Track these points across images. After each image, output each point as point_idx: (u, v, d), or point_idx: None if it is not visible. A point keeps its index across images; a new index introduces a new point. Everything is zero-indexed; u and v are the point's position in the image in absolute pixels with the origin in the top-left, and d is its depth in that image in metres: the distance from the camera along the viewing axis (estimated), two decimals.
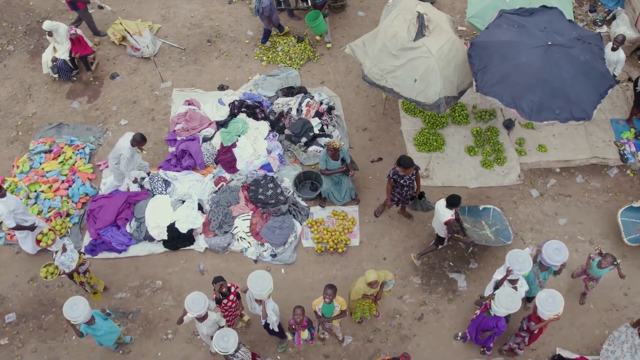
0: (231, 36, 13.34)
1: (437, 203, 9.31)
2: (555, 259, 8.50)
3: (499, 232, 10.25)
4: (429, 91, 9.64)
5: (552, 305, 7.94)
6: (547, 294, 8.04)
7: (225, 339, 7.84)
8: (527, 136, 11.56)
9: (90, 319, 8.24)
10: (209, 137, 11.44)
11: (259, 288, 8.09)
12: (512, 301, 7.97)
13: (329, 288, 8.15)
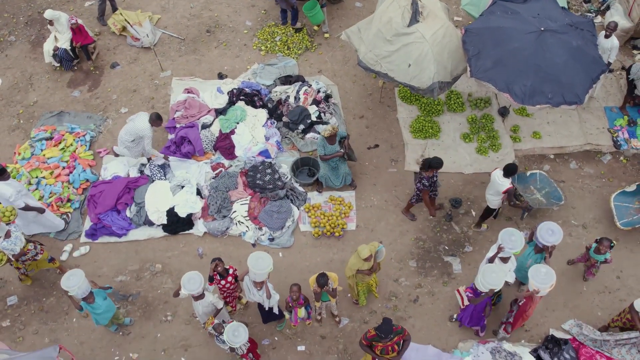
0: (230, 26, 13.51)
1: (493, 174, 9.53)
2: (549, 239, 8.64)
3: (549, 194, 10.57)
4: (423, 76, 9.80)
5: (543, 278, 8.08)
6: (542, 267, 8.19)
7: (235, 334, 7.99)
8: (521, 123, 11.72)
9: (89, 296, 8.42)
10: (208, 124, 11.60)
11: (259, 267, 8.21)
12: (496, 277, 8.15)
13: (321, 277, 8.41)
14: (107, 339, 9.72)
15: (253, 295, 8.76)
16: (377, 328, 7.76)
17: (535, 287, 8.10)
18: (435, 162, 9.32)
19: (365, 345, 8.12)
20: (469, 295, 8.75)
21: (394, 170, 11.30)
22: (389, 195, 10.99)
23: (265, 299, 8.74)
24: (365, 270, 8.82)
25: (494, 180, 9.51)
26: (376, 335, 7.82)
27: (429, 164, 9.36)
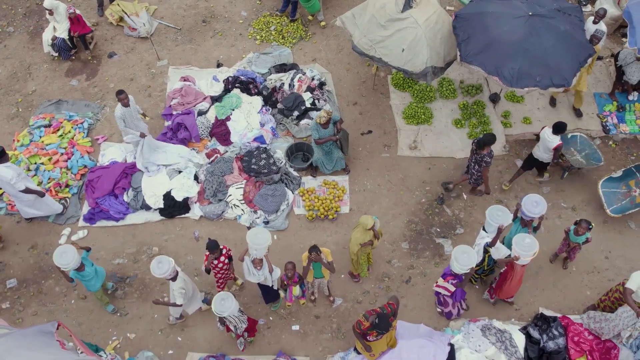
0: (225, 16, 13.71)
1: (543, 131, 10.04)
2: (533, 211, 8.83)
3: (589, 155, 10.85)
4: (416, 60, 9.99)
5: (526, 246, 8.29)
6: (526, 236, 8.39)
7: (222, 302, 8.16)
8: (512, 109, 11.93)
9: (80, 265, 8.68)
10: (204, 111, 11.79)
11: (258, 242, 8.36)
12: (467, 257, 8.37)
13: (312, 247, 8.60)
14: (104, 320, 9.89)
15: (253, 276, 8.88)
16: (374, 326, 7.91)
17: (517, 254, 8.31)
18: (490, 138, 9.63)
19: (360, 334, 8.31)
20: (454, 282, 8.89)
21: (387, 156, 11.49)
22: (382, 180, 11.19)
23: (267, 275, 8.89)
24: (367, 241, 9.04)
25: (543, 138, 9.98)
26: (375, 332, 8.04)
27: (485, 142, 9.63)
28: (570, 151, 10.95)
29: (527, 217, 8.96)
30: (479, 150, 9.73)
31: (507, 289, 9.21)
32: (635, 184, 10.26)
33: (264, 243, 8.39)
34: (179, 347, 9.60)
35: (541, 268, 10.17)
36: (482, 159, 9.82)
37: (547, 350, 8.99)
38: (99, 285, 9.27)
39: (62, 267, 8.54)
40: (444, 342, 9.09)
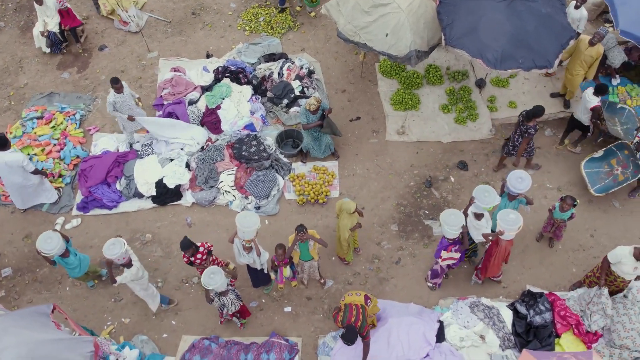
0: (215, 8, 13.89)
1: (585, 92, 10.45)
2: (518, 187, 9.01)
3: (628, 130, 10.89)
4: (400, 44, 10.19)
5: (510, 221, 8.48)
6: (511, 212, 8.57)
7: (211, 276, 8.30)
8: (497, 94, 12.14)
9: (65, 252, 8.84)
10: (195, 101, 11.95)
11: (246, 224, 8.50)
12: (455, 218, 8.58)
13: (299, 228, 8.75)
14: (99, 306, 10.03)
15: (243, 257, 9.04)
16: (342, 336, 8.03)
17: (501, 228, 8.50)
18: (538, 110, 9.93)
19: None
20: (456, 249, 9.04)
21: (375, 141, 11.68)
22: (370, 164, 11.38)
23: (255, 258, 9.05)
24: (356, 225, 9.23)
25: (584, 99, 10.46)
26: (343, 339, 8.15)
27: (533, 113, 9.95)
28: (613, 120, 11.05)
29: (513, 193, 9.16)
30: (527, 121, 10.04)
31: (493, 266, 9.39)
32: (617, 162, 10.46)
33: (252, 226, 8.51)
34: (173, 331, 9.74)
35: (527, 247, 10.37)
36: (527, 130, 10.11)
37: (534, 325, 9.16)
38: (82, 272, 9.42)
39: (45, 252, 8.66)
40: (434, 319, 9.29)
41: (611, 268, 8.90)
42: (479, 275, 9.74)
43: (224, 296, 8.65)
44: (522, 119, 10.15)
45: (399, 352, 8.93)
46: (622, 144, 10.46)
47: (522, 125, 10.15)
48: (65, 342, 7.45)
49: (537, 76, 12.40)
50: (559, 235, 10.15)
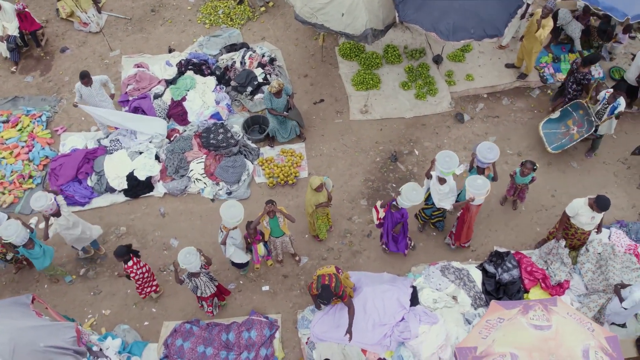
0: (173, 4, 14.08)
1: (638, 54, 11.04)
2: (488, 157, 9.31)
3: None
4: (356, 23, 10.50)
5: (478, 185, 8.82)
6: (478, 178, 8.91)
7: (187, 256, 8.47)
8: (455, 68, 12.54)
9: (29, 243, 9.03)
10: (160, 94, 12.11)
11: (230, 216, 8.74)
12: (416, 194, 8.88)
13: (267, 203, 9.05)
14: (78, 300, 10.13)
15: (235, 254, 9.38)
16: (318, 296, 8.40)
17: (471, 195, 8.83)
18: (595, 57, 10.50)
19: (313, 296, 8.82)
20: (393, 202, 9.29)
21: (340, 121, 11.99)
22: (337, 144, 11.67)
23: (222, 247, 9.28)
24: (323, 203, 9.47)
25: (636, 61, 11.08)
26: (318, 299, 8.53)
27: (590, 59, 10.55)
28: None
29: (482, 165, 9.46)
30: (583, 68, 10.54)
31: (467, 231, 9.75)
32: (573, 122, 10.90)
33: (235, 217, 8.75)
34: (153, 318, 9.89)
35: (492, 211, 10.75)
36: (583, 77, 10.64)
37: (503, 282, 9.53)
38: (47, 263, 9.55)
39: (5, 238, 8.81)
40: (407, 285, 9.59)
41: (571, 221, 9.30)
42: (452, 237, 10.06)
43: (196, 277, 8.84)
44: (576, 66, 10.69)
45: (376, 318, 9.20)
46: (577, 103, 10.91)
47: (577, 72, 10.69)
48: (47, 329, 7.58)
49: (492, 49, 12.84)
50: (523, 198, 10.54)
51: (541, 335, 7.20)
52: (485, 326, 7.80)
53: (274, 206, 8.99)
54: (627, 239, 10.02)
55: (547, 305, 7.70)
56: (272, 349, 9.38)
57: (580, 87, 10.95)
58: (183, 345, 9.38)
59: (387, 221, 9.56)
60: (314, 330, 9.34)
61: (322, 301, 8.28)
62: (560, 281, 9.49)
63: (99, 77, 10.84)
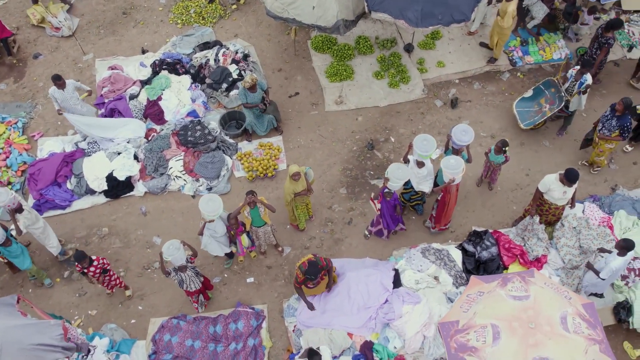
0: (145, 6, 14.13)
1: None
2: (463, 139, 9.51)
3: None
4: (328, 15, 10.67)
5: (453, 165, 9.01)
6: (451, 158, 9.10)
7: (170, 247, 8.53)
8: (426, 56, 12.76)
9: (6, 241, 9.13)
10: (135, 95, 12.16)
11: (208, 210, 8.81)
12: (402, 172, 9.08)
13: (248, 194, 9.15)
14: (64, 303, 10.14)
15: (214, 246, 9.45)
16: (305, 272, 8.57)
17: (450, 176, 9.02)
18: (618, 22, 10.85)
19: (299, 287, 8.99)
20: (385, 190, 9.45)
21: (316, 113, 12.14)
22: (313, 135, 11.82)
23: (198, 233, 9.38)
24: (302, 191, 9.59)
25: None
26: (305, 278, 8.67)
27: (613, 24, 10.97)
28: None
29: (457, 146, 9.66)
30: (606, 33, 10.99)
31: (448, 213, 9.95)
32: (545, 100, 11.16)
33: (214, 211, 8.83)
34: (140, 316, 9.95)
35: (469, 192, 10.97)
36: (606, 41, 11.05)
37: (483, 260, 9.76)
38: (28, 262, 9.65)
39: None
40: (389, 268, 9.77)
41: (544, 197, 9.54)
42: (432, 220, 10.25)
43: (182, 272, 8.93)
44: (601, 31, 11.08)
45: (360, 302, 9.38)
46: (549, 81, 11.18)
47: (602, 37, 11.05)
48: (34, 327, 7.62)
49: (461, 36, 13.08)
50: (494, 179, 10.78)
51: (520, 305, 7.40)
52: (466, 300, 8.00)
53: (254, 197, 9.11)
54: (600, 212, 10.34)
55: (524, 277, 7.92)
56: (260, 338, 9.49)
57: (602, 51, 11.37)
58: (171, 340, 9.47)
59: (384, 210, 9.75)
60: (300, 318, 9.48)
61: (310, 277, 8.43)
62: (538, 256, 9.74)
63: (71, 81, 10.87)
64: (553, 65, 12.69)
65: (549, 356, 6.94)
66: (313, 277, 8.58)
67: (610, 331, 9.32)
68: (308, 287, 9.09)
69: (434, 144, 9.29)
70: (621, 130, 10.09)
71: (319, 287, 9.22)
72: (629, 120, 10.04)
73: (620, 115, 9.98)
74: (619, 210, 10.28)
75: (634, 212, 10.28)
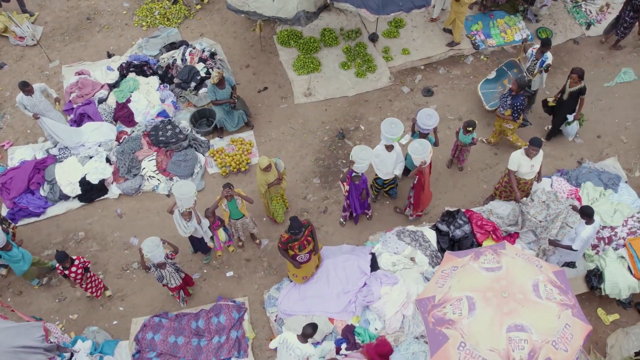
0: (109, 10, 14.11)
1: None
2: (427, 123, 9.68)
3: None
4: (288, 7, 10.80)
5: (420, 149, 9.17)
6: (415, 142, 9.27)
7: (149, 244, 8.58)
8: (390, 44, 12.95)
9: (7, 245, 9.10)
10: (104, 98, 12.15)
11: (183, 192, 8.82)
12: (365, 152, 9.19)
13: (224, 187, 9.22)
14: (44, 309, 10.11)
15: (184, 229, 9.30)
16: (288, 229, 8.65)
17: (420, 160, 9.18)
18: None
19: (283, 249, 9.00)
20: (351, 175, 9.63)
21: (285, 106, 12.26)
22: (284, 128, 11.94)
23: (197, 226, 9.34)
24: (274, 181, 9.69)
25: None
26: (290, 236, 8.72)
27: None
28: None
29: (423, 130, 9.84)
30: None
31: (426, 195, 10.09)
32: (508, 81, 11.42)
33: (189, 193, 8.85)
34: (122, 317, 9.96)
35: (440, 174, 11.18)
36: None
37: (456, 239, 9.95)
38: (27, 267, 9.61)
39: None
40: (366, 252, 9.93)
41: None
42: (411, 208, 10.39)
43: (162, 269, 8.98)
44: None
45: (339, 287, 9.53)
46: (511, 62, 11.44)
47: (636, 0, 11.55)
48: (15, 329, 7.63)
49: (424, 23, 13.30)
50: (461, 160, 10.99)
51: (493, 276, 7.58)
52: (441, 276, 8.16)
53: (231, 189, 9.19)
54: (567, 184, 10.61)
55: (496, 249, 8.10)
56: (243, 330, 9.58)
57: (637, 15, 11.76)
58: (154, 338, 9.51)
59: (352, 193, 9.89)
60: (281, 307, 9.59)
61: (294, 231, 8.53)
62: (510, 232, 9.97)
63: (37, 85, 10.84)
64: (515, 47, 12.97)
65: (523, 323, 7.14)
66: (297, 231, 8.59)
67: (584, 299, 9.60)
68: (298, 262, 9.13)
69: (401, 127, 9.45)
70: (513, 109, 10.43)
71: (309, 266, 9.32)
72: (521, 101, 10.34)
73: (515, 95, 10.31)
74: (586, 182, 10.56)
75: (600, 183, 10.57)
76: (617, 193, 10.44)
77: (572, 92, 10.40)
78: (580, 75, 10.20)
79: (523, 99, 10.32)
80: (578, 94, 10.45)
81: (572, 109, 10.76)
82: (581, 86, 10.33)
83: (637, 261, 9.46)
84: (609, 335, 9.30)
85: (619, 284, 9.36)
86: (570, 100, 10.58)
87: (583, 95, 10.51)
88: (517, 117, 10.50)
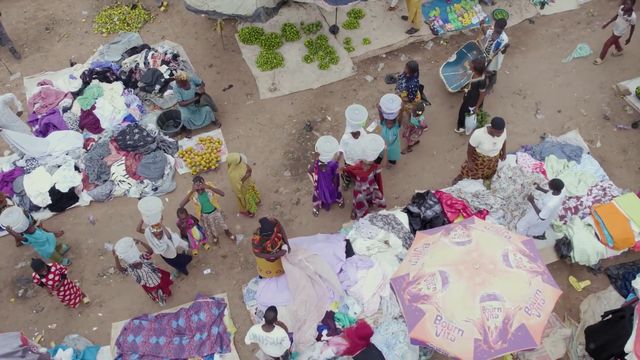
0: (67, 19, 14.03)
1: None
2: (391, 107, 9.85)
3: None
4: (247, 4, 10.90)
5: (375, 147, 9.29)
6: (368, 140, 9.41)
7: (122, 245, 8.62)
8: (351, 35, 13.10)
9: (30, 227, 9.36)
10: (68, 107, 12.10)
11: (149, 208, 8.78)
12: (330, 144, 9.32)
13: (195, 179, 9.26)
14: (22, 321, 10.03)
15: (156, 247, 9.27)
16: (260, 231, 8.74)
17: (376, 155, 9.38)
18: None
19: (259, 251, 9.07)
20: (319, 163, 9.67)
21: (251, 102, 12.34)
22: (252, 124, 12.01)
23: (169, 242, 9.32)
24: (246, 175, 9.77)
25: None
26: (262, 237, 8.81)
27: None
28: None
29: (388, 116, 10.00)
30: None
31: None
32: (469, 63, 11.65)
33: (155, 209, 8.83)
34: (101, 322, 9.94)
35: (409, 159, 11.36)
36: None
37: (428, 219, 10.13)
38: (52, 249, 9.85)
39: (10, 225, 9.09)
40: (340, 239, 10.06)
41: (477, 152, 9.98)
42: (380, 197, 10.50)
43: (138, 268, 8.99)
44: None
45: None
46: (470, 44, 11.67)
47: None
48: None
49: (383, 12, 13.47)
50: (410, 139, 11.13)
51: (464, 250, 7.77)
52: (413, 254, 8.33)
53: (201, 183, 9.23)
54: (532, 159, 10.87)
55: (466, 225, 8.31)
56: (224, 325, 9.63)
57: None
58: (135, 340, 9.51)
59: (321, 182, 10.00)
60: (260, 299, 9.66)
61: (266, 233, 8.62)
62: (480, 209, 10.18)
63: (2, 96, 10.77)
64: (473, 30, 13.22)
65: (495, 292, 7.34)
66: (269, 233, 8.69)
67: (555, 268, 9.85)
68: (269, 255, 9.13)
69: (365, 112, 9.62)
70: (408, 91, 10.79)
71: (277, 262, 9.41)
72: (415, 83, 10.73)
73: (409, 77, 10.65)
74: (550, 156, 10.83)
75: (564, 155, 10.85)
76: (580, 164, 10.73)
77: (473, 83, 10.63)
78: (478, 68, 10.38)
79: (417, 81, 10.69)
80: (477, 86, 10.64)
81: (474, 101, 10.93)
82: (480, 79, 10.51)
83: (603, 228, 9.74)
84: (582, 301, 9.56)
85: (588, 250, 9.63)
86: (473, 92, 10.77)
87: (482, 89, 10.67)
88: (413, 98, 10.85)
